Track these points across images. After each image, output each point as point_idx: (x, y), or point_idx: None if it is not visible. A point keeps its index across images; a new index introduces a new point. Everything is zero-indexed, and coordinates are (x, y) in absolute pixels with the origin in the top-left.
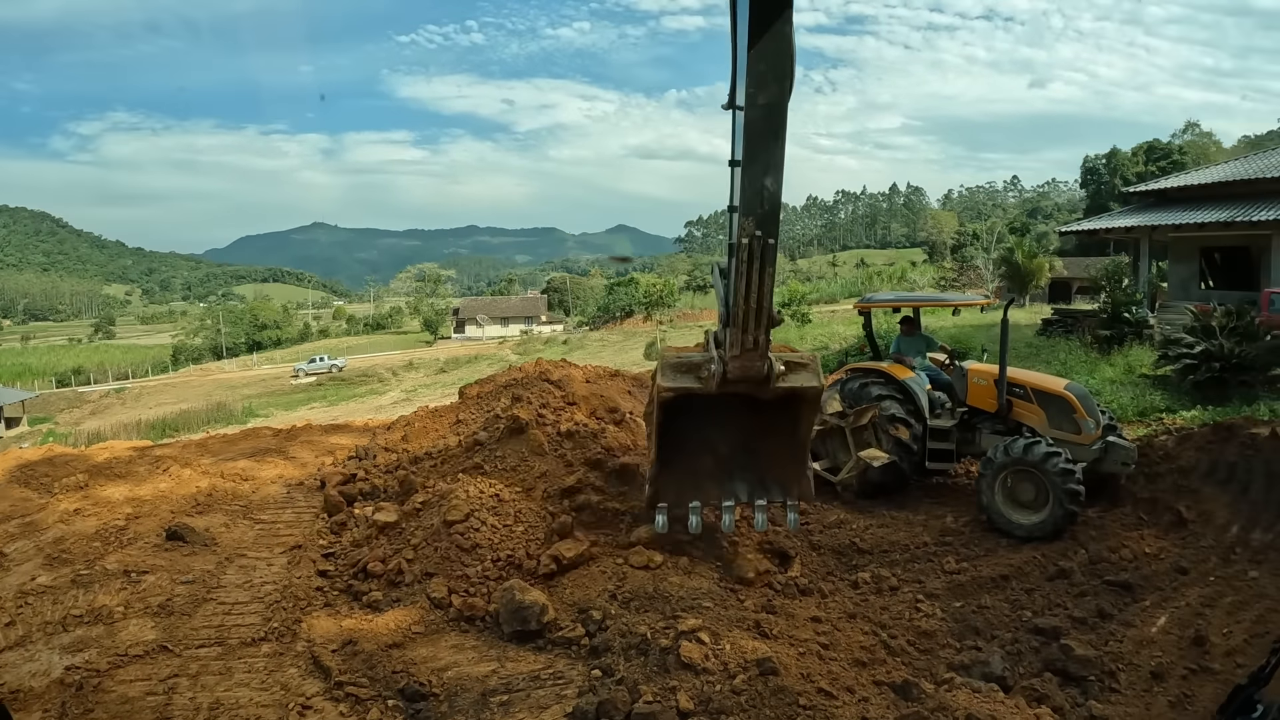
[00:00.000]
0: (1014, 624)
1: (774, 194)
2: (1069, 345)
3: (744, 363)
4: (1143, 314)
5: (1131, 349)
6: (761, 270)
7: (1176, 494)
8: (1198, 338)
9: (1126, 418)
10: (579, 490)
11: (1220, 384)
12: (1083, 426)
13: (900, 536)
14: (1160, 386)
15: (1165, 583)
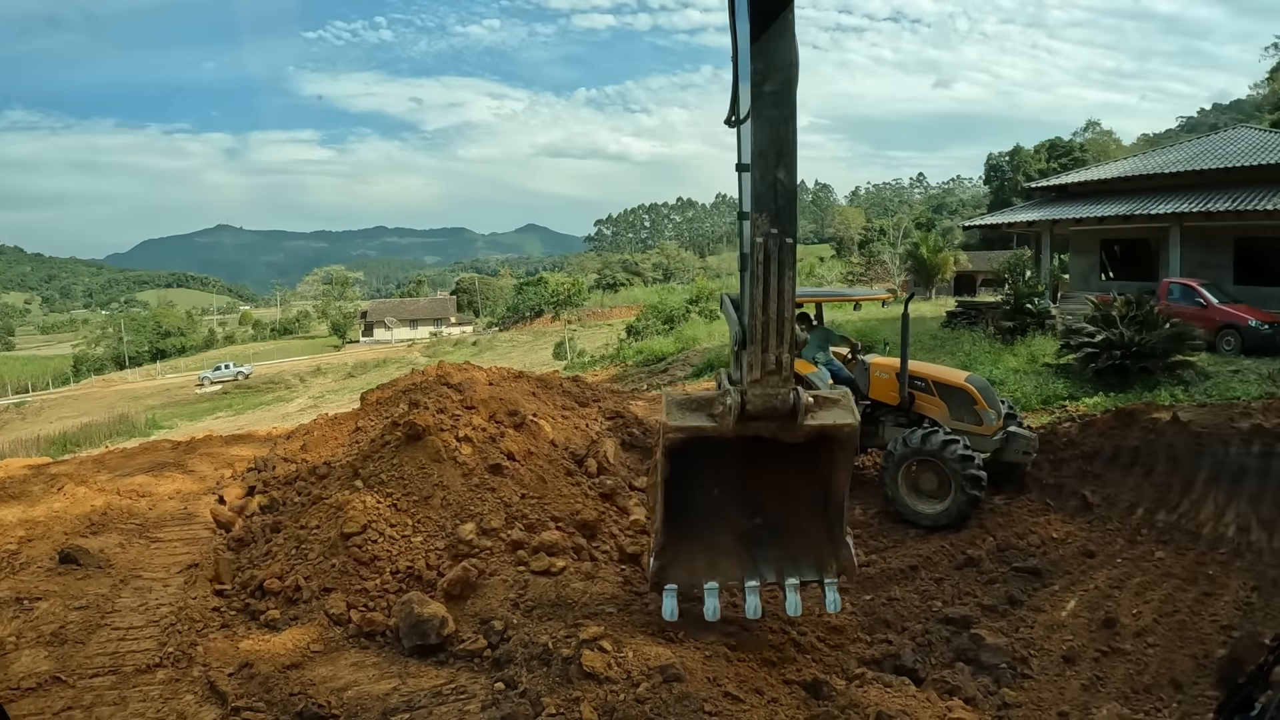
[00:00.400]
0: (924, 615)
1: (788, 188)
2: (973, 336)
3: (765, 389)
4: (1045, 305)
5: (1034, 339)
6: (780, 273)
7: (1081, 479)
8: (1099, 327)
9: (1030, 406)
10: None
11: (1121, 371)
12: (983, 417)
13: None
14: (1063, 375)
15: (1073, 567)
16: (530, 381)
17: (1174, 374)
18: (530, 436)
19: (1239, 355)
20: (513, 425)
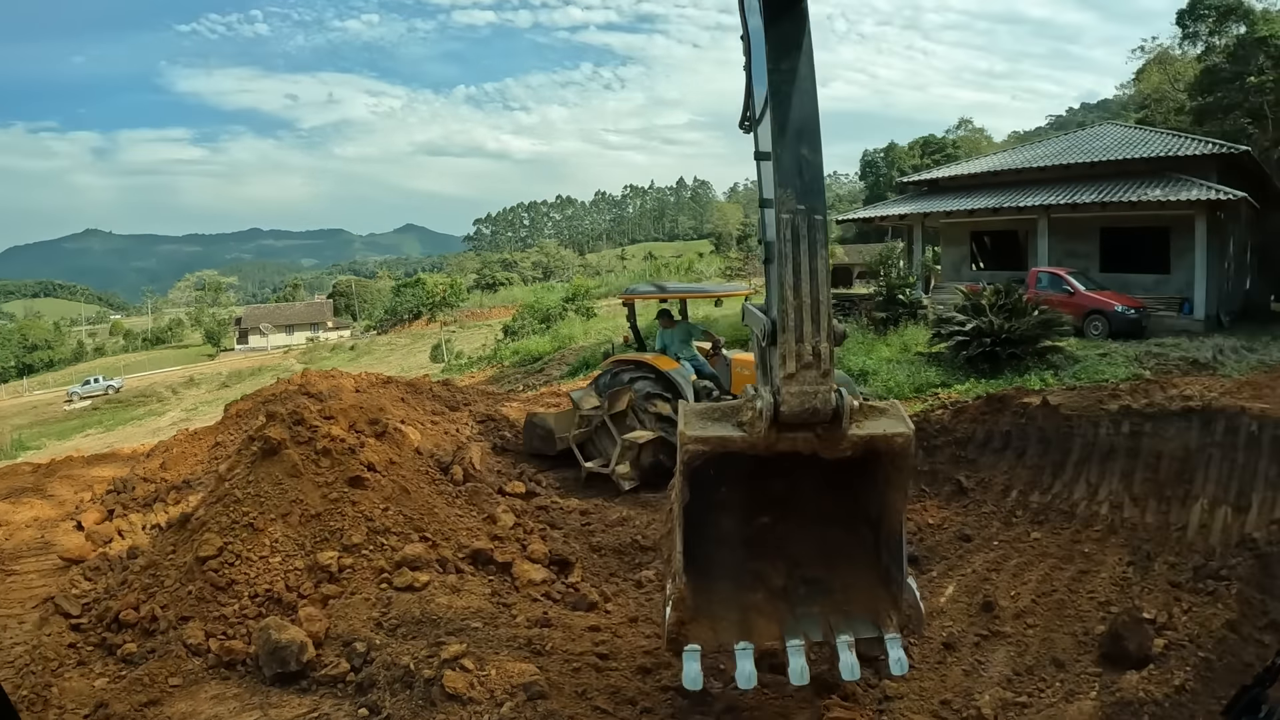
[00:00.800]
0: None
1: (814, 164)
2: (848, 327)
3: (802, 387)
4: (916, 295)
5: (906, 329)
6: (812, 253)
7: (955, 465)
8: (969, 315)
9: (903, 394)
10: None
11: (992, 358)
12: None
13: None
14: (935, 363)
15: (951, 552)
16: (399, 387)
17: (1043, 359)
18: (394, 445)
19: (1106, 339)
20: (374, 434)
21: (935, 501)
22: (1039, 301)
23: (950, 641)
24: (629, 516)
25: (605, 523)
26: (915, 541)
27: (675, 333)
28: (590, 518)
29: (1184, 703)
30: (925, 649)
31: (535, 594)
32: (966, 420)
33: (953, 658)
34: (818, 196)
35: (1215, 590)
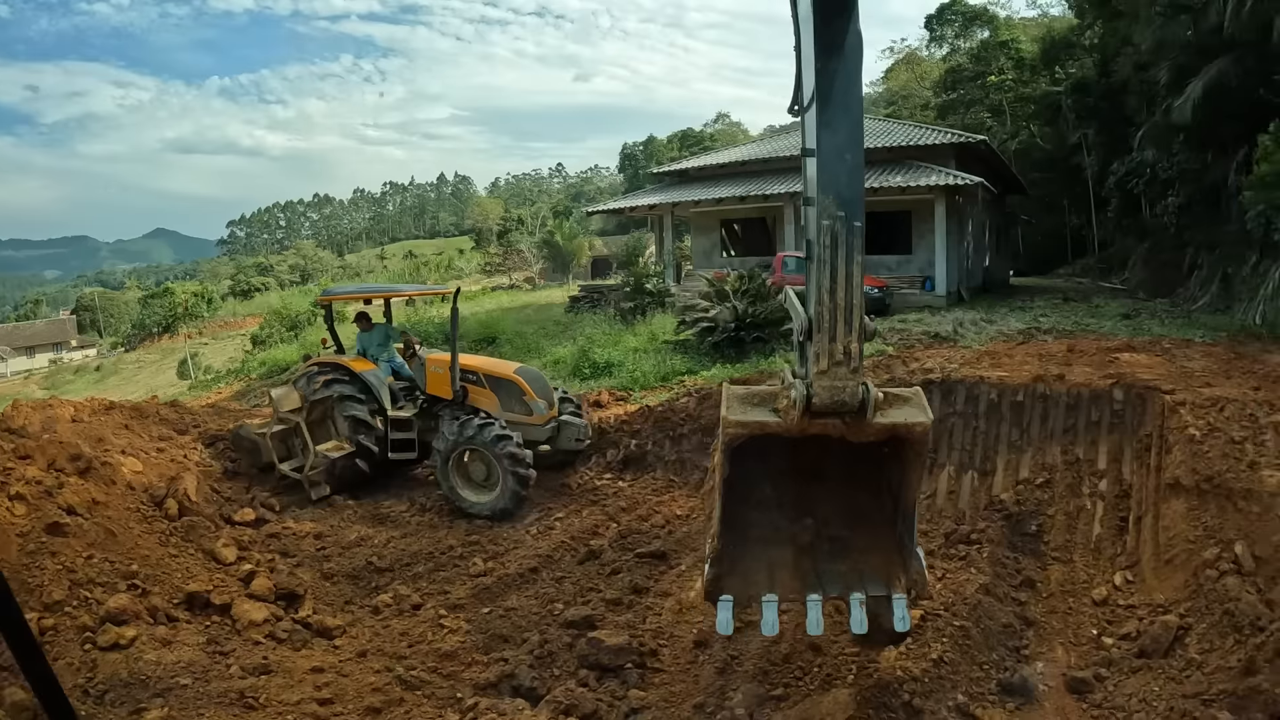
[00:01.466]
0: (544, 621)
1: (856, 169)
2: (595, 319)
3: (833, 382)
4: (664, 284)
5: (654, 318)
6: (849, 258)
7: (702, 452)
8: (713, 302)
9: (649, 384)
10: None
11: (737, 343)
12: (533, 408)
13: (424, 544)
14: (682, 351)
15: (699, 543)
16: (123, 413)
17: (788, 341)
18: (100, 483)
19: None
20: (77, 472)
21: (684, 491)
22: (786, 285)
23: (701, 639)
24: (367, 536)
25: (341, 545)
26: (663, 535)
27: (373, 335)
28: (325, 541)
29: (944, 675)
30: (676, 649)
31: (258, 636)
32: (712, 406)
33: (705, 655)
34: (857, 203)
35: (967, 555)
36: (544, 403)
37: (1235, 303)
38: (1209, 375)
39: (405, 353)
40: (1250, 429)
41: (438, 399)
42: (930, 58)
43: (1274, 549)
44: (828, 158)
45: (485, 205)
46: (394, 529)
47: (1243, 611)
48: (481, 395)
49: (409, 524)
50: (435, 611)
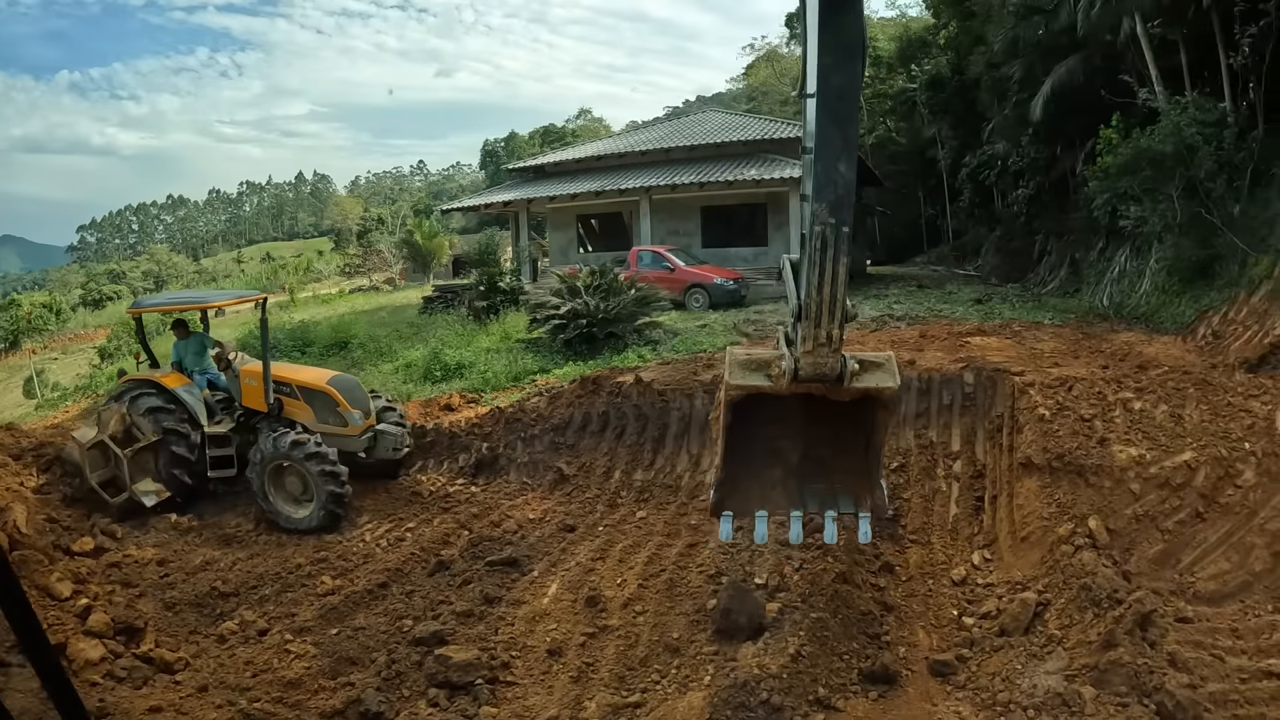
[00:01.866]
0: (393, 640)
1: (848, 179)
2: (448, 320)
3: (816, 359)
4: (517, 282)
5: (508, 317)
6: (835, 260)
7: (555, 452)
8: (565, 298)
9: (501, 384)
10: None
11: (590, 339)
12: (348, 419)
13: (270, 565)
14: (534, 350)
15: (553, 546)
16: None
17: (642, 336)
18: None
19: (707, 311)
20: None
21: (538, 493)
22: (641, 279)
23: (555, 647)
24: (213, 559)
25: (186, 570)
26: (516, 541)
27: (190, 344)
28: (169, 567)
29: (802, 670)
30: (529, 660)
31: (95, 676)
32: (563, 405)
33: (559, 664)
34: (847, 210)
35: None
36: (359, 413)
37: (1083, 286)
38: (1058, 356)
39: (221, 364)
40: (1099, 406)
41: (255, 412)
42: (791, 54)
43: (1127, 521)
44: (823, 170)
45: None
46: (240, 550)
47: (1100, 585)
48: (296, 407)
49: (256, 543)
50: (281, 636)
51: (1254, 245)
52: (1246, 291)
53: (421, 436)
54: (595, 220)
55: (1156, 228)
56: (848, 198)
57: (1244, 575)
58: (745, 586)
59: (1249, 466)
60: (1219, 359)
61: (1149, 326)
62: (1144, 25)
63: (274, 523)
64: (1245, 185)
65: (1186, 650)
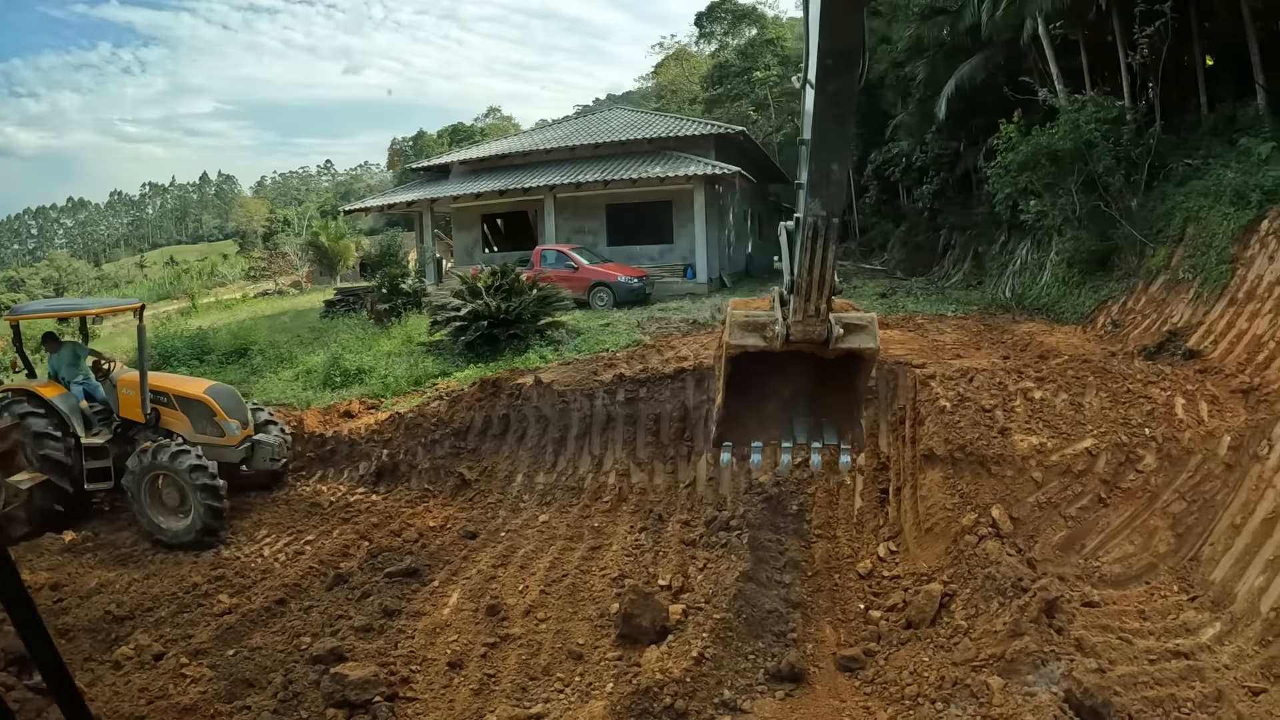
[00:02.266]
0: (291, 659)
1: (840, 177)
2: (350, 323)
3: (806, 327)
4: (418, 284)
5: (410, 319)
6: (825, 246)
7: (457, 457)
8: (466, 299)
9: (402, 389)
10: None
11: (491, 340)
12: (225, 428)
13: (167, 585)
14: (436, 352)
15: (454, 554)
16: None
17: (545, 336)
18: None
19: (612, 309)
20: None
21: (439, 500)
22: (544, 279)
23: (456, 659)
24: (107, 581)
25: (80, 595)
26: (416, 550)
27: (63, 356)
28: (63, 592)
29: (706, 672)
30: (430, 673)
31: None
32: (464, 409)
33: (460, 677)
34: (838, 203)
35: (728, 542)
36: (236, 422)
37: (986, 278)
38: (960, 348)
39: (98, 373)
40: (1000, 396)
41: (133, 423)
42: (700, 54)
43: (1030, 509)
44: (818, 168)
45: (250, 206)
46: (136, 570)
47: (1004, 574)
48: (173, 417)
49: (152, 563)
50: (177, 660)
51: (1151, 237)
52: (1144, 281)
53: (321, 445)
54: (500, 220)
55: (1057, 221)
56: (839, 193)
57: (1148, 558)
58: (647, 589)
59: (1150, 451)
60: (1118, 347)
61: (1050, 317)
62: (1046, 26)
63: (150, 534)
64: (1143, 180)
65: (1094, 635)
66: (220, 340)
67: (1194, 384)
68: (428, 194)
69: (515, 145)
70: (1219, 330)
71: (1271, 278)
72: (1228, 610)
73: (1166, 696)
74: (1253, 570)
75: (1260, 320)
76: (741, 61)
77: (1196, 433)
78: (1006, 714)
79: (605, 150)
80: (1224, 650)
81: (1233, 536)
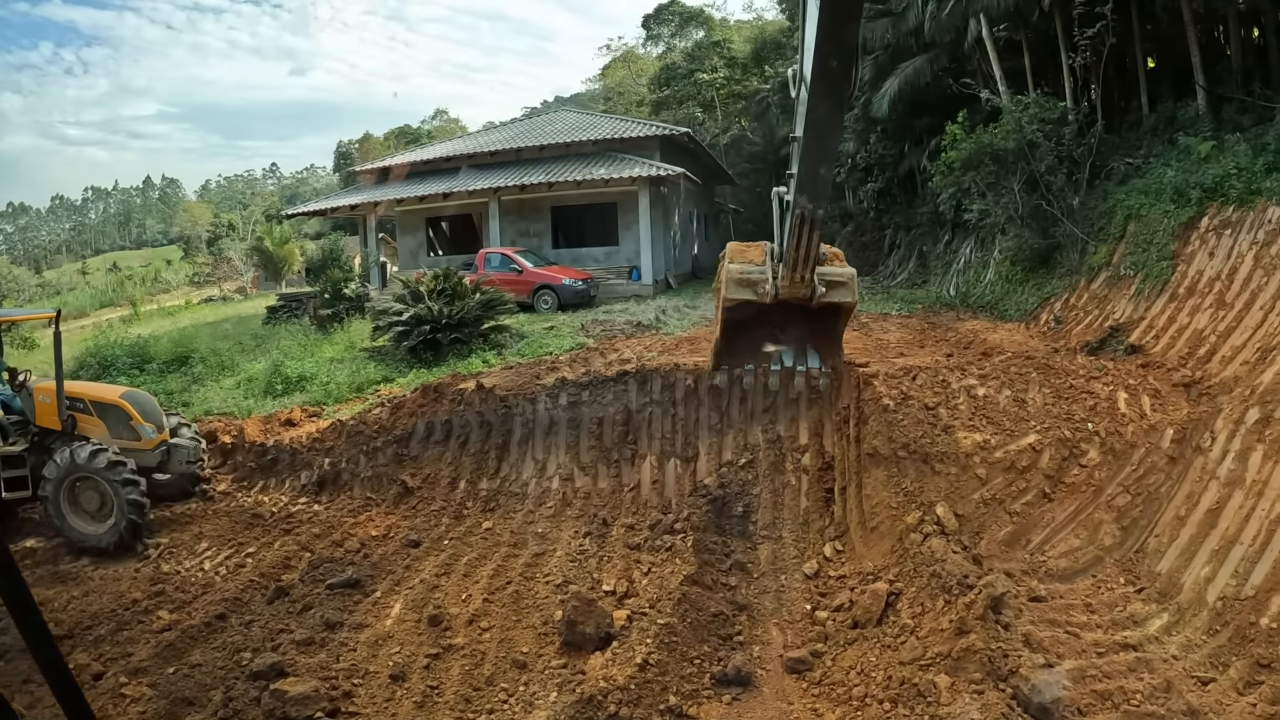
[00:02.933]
0: (231, 675)
1: (826, 179)
2: (292, 330)
3: (793, 288)
4: (362, 289)
5: (353, 325)
6: (811, 232)
7: (399, 464)
8: (408, 304)
9: (344, 396)
10: None
11: (434, 345)
12: (141, 432)
13: (105, 602)
14: (379, 358)
15: (397, 564)
16: None
17: (488, 340)
18: None
19: (556, 312)
20: None
21: (382, 509)
22: (488, 282)
23: (399, 671)
24: (45, 600)
25: None
26: (358, 560)
27: None
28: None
29: (651, 679)
30: (372, 687)
31: None
32: (406, 415)
33: (402, 690)
34: (824, 199)
35: (673, 545)
36: (152, 426)
37: (930, 277)
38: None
39: (13, 383)
40: (943, 394)
41: (50, 431)
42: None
43: (975, 506)
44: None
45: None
46: (75, 587)
47: (949, 572)
48: (89, 423)
49: (91, 579)
50: (117, 680)
51: (1093, 235)
52: (1086, 278)
53: (262, 454)
54: (445, 223)
55: (1000, 220)
56: (825, 190)
57: (1094, 551)
58: (591, 595)
59: (1093, 446)
60: (1061, 344)
61: (994, 314)
62: (990, 28)
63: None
64: (1084, 178)
65: (1041, 630)
66: (161, 348)
67: (1136, 379)
68: (372, 197)
69: (460, 148)
70: (1160, 325)
71: (1211, 273)
72: (1174, 601)
73: (1115, 689)
74: (1198, 561)
75: (1201, 315)
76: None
77: (1139, 427)
78: (954, 713)
79: (550, 152)
80: (1172, 641)
81: (1178, 528)
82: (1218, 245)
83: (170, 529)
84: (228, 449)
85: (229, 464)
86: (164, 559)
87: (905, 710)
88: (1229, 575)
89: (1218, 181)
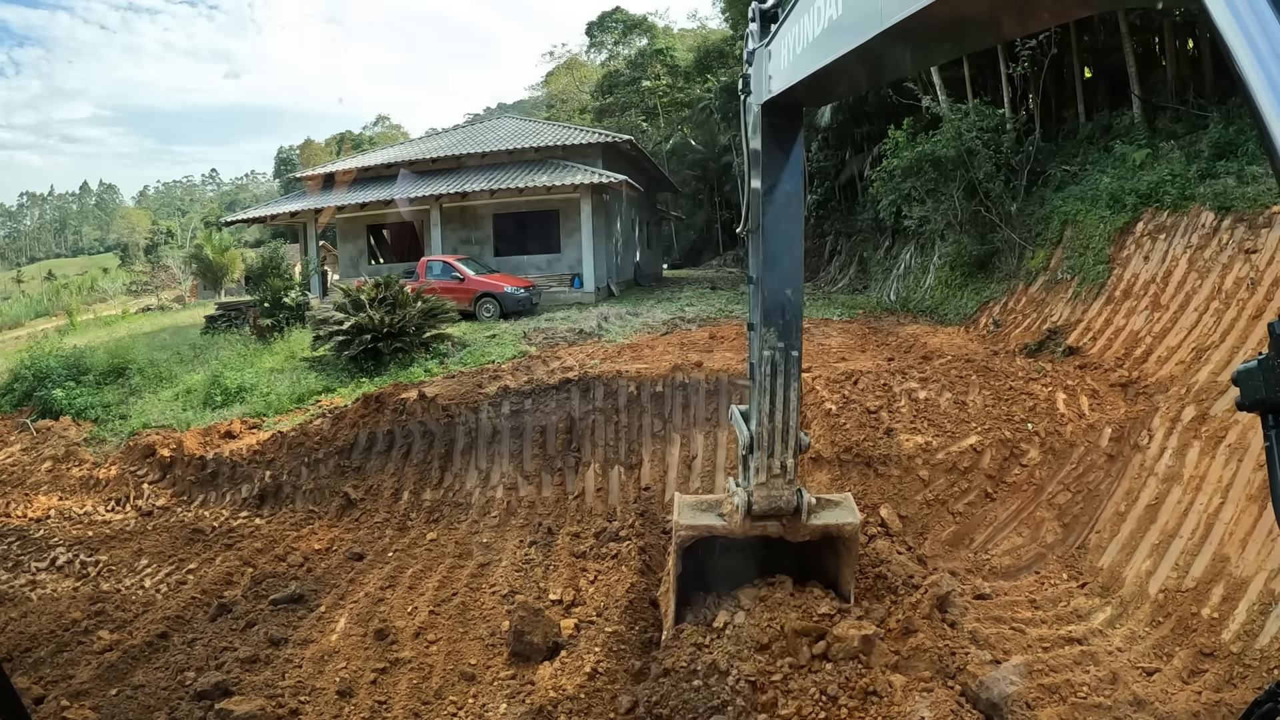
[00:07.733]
0: (175, 696)
1: (795, 305)
2: (232, 340)
3: (771, 491)
4: (302, 297)
5: (293, 334)
6: (786, 385)
7: (341, 476)
8: (349, 313)
9: (284, 407)
10: None
11: (375, 354)
12: None
13: (45, 623)
14: (320, 368)
15: (341, 578)
16: None
17: (430, 349)
18: None
19: (498, 320)
20: None
21: (325, 521)
22: (430, 290)
23: (346, 687)
24: None
25: None
26: (301, 575)
27: None
28: None
29: (600, 688)
30: (319, 703)
31: None
32: (347, 426)
33: (350, 706)
34: (796, 334)
35: (619, 553)
36: None
37: (871, 283)
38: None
39: None
40: (885, 398)
41: None
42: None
43: (918, 507)
44: (770, 294)
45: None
46: (12, 609)
47: (895, 572)
48: None
49: (28, 600)
50: (58, 703)
51: (1031, 240)
52: (1025, 282)
53: (202, 468)
54: (386, 230)
55: (939, 226)
56: (796, 322)
57: (1037, 548)
58: (538, 605)
59: (1033, 446)
60: (1000, 346)
61: (934, 319)
62: None
63: None
64: (1022, 185)
65: (987, 626)
66: (98, 359)
67: (1074, 379)
68: (312, 204)
69: (402, 154)
70: (1097, 327)
71: (1147, 276)
72: (1117, 595)
73: (1062, 682)
74: (1139, 555)
75: (1137, 317)
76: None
77: (1078, 426)
78: (905, 712)
79: (492, 159)
80: (1116, 633)
81: (1118, 523)
82: (1153, 249)
83: (109, 546)
84: (166, 462)
85: (168, 478)
86: (103, 577)
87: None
88: (1169, 568)
89: (1152, 188)
